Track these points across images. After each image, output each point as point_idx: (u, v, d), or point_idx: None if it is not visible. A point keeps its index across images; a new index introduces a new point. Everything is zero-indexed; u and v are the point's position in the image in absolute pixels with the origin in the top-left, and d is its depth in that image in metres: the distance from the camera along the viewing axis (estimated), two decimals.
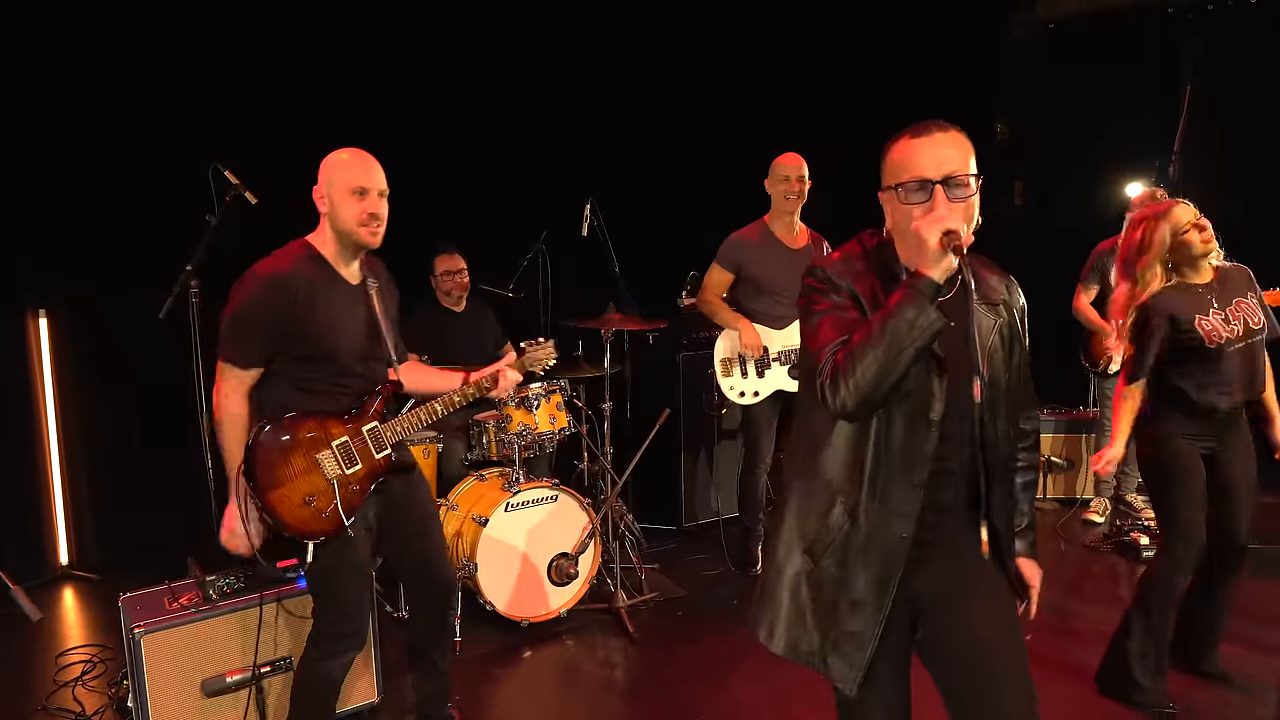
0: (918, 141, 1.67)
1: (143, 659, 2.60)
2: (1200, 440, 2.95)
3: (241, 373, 2.34)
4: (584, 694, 3.25)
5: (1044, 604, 3.00)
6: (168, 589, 2.83)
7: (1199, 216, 2.91)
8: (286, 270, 2.34)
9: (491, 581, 3.54)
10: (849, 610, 1.75)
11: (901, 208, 1.67)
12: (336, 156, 2.42)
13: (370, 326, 2.48)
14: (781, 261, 3.97)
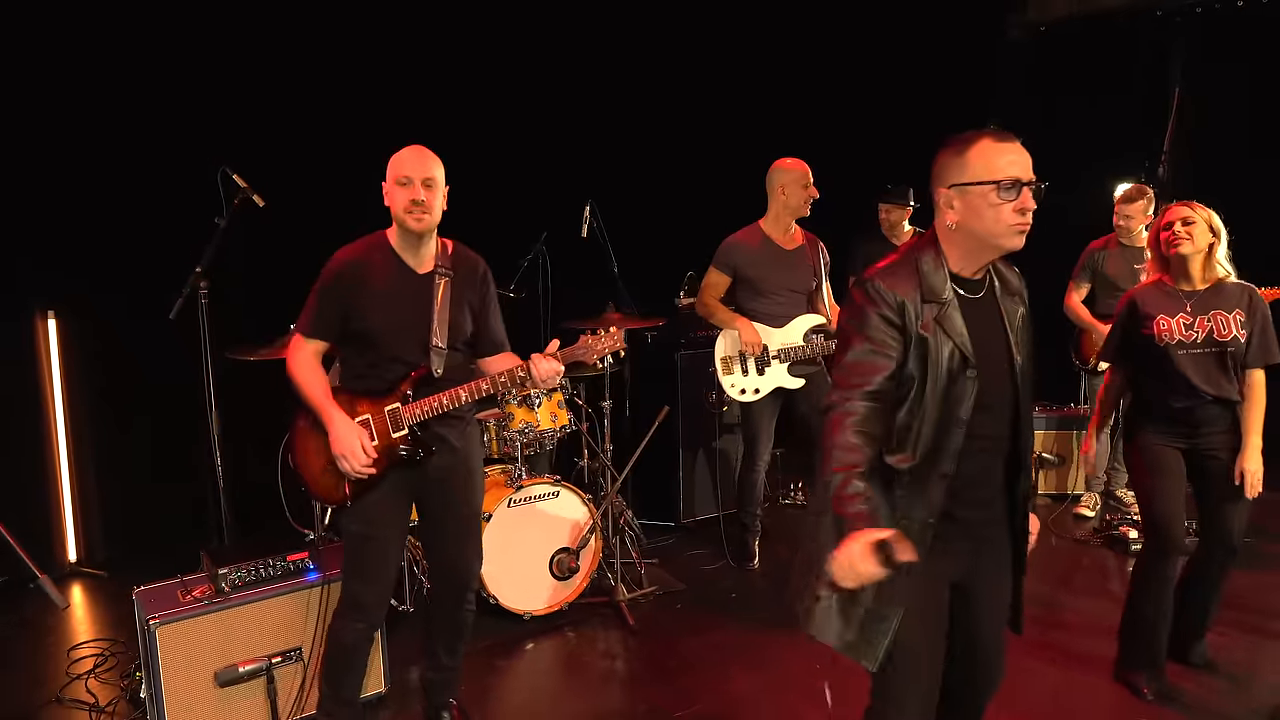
0: (1005, 145, 1.83)
1: (158, 650, 2.67)
2: (1174, 438, 3.06)
3: (303, 340, 2.57)
4: (585, 684, 3.33)
5: (1034, 596, 3.12)
6: (180, 582, 2.90)
7: (1185, 218, 3.02)
8: (352, 256, 2.55)
9: (495, 575, 3.62)
10: (874, 592, 1.84)
11: (986, 202, 1.81)
12: (400, 152, 2.56)
13: (425, 314, 2.56)
14: (777, 263, 4.05)
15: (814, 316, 4.11)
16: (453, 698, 2.95)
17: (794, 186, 4.02)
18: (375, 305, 2.51)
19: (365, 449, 2.49)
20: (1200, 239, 3.03)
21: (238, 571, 2.88)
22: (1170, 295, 3.06)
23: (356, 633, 2.64)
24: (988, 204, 1.81)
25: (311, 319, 2.56)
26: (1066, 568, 4.34)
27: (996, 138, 1.84)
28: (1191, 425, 3.04)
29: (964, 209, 1.85)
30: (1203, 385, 3.00)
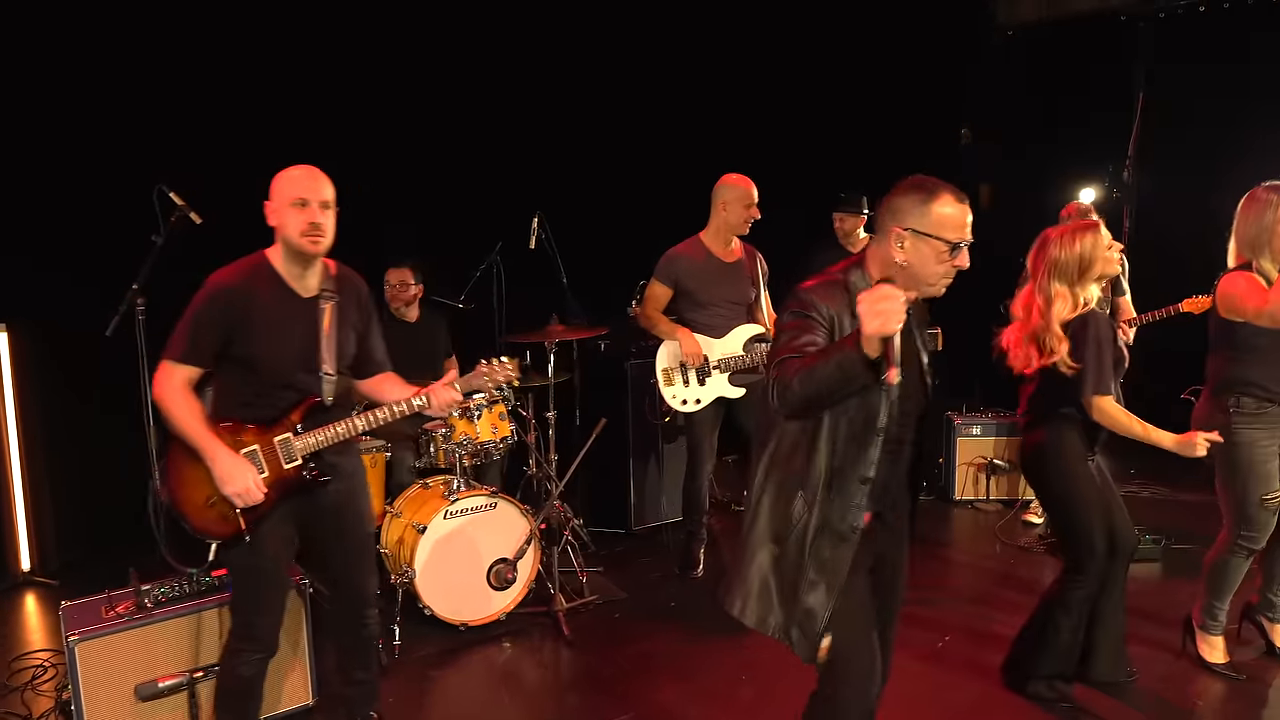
0: (964, 208, 2.01)
1: (77, 666, 2.72)
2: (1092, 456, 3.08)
3: (173, 367, 2.45)
4: (516, 695, 3.37)
5: (965, 608, 3.16)
6: (106, 597, 2.95)
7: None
8: (233, 281, 2.47)
9: (430, 586, 3.67)
10: (807, 589, 2.09)
11: (934, 255, 1.99)
12: (284, 172, 2.52)
13: (313, 340, 2.54)
14: (718, 275, 4.09)
15: (753, 326, 4.14)
16: (374, 710, 2.99)
17: (736, 205, 4.05)
18: (261, 332, 2.46)
19: (256, 484, 2.45)
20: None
21: (161, 588, 2.93)
22: None
23: (254, 664, 2.62)
24: (935, 257, 1.99)
25: (185, 346, 2.45)
26: (1003, 577, 4.38)
27: (958, 196, 2.01)
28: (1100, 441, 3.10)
29: (913, 252, 2.01)
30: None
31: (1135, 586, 3.21)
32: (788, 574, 2.11)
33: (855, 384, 1.85)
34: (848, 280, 2.06)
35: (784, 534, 2.11)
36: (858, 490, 2.07)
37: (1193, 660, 3.39)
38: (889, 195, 2.06)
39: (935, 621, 3.83)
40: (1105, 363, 2.91)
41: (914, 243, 1.99)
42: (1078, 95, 6.99)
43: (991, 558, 4.66)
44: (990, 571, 4.48)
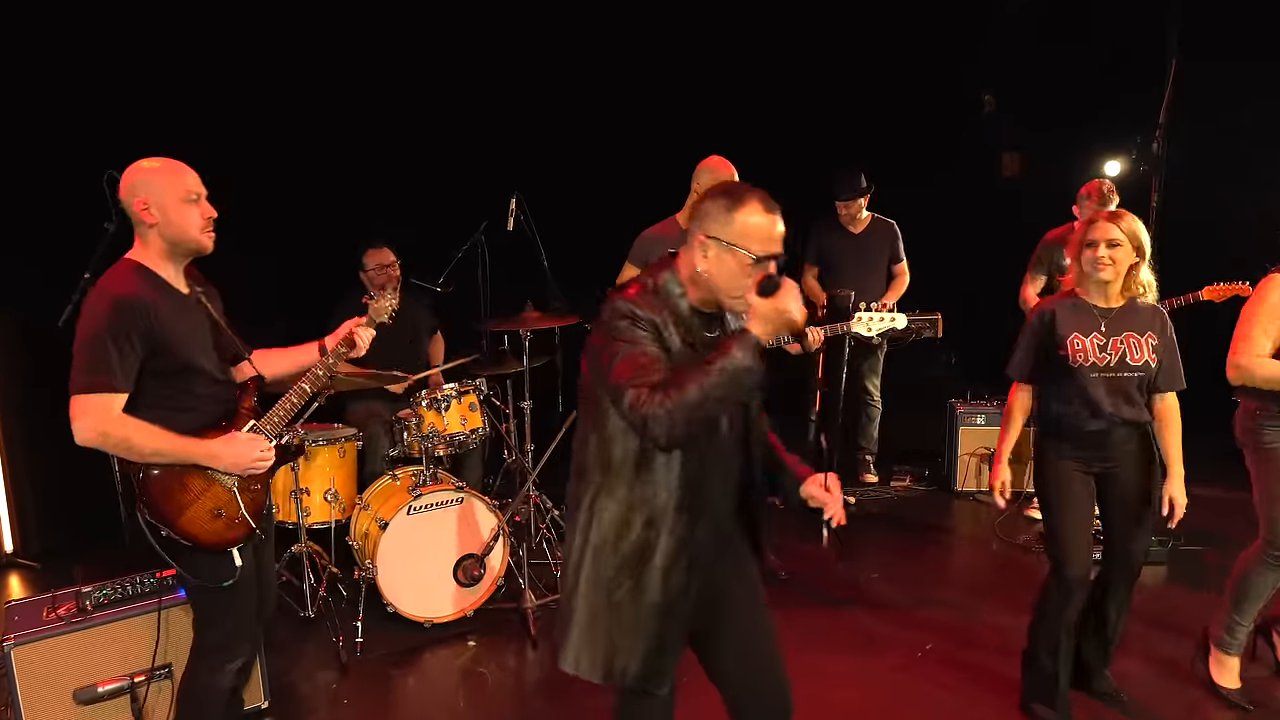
0: (773, 218, 1.87)
1: (14, 670, 2.67)
2: (1084, 462, 2.89)
3: (106, 398, 2.23)
4: (478, 697, 3.29)
5: (951, 608, 2.94)
6: (50, 598, 2.90)
7: (1113, 240, 2.80)
8: (133, 291, 2.28)
9: (392, 583, 3.59)
10: (655, 617, 1.94)
11: (739, 267, 1.86)
12: (152, 165, 2.36)
13: (215, 331, 2.49)
14: None
15: None
16: None
17: (706, 185, 3.85)
18: (178, 335, 2.34)
19: (261, 446, 2.43)
20: (1123, 262, 2.83)
21: (103, 590, 2.88)
22: (1084, 312, 2.88)
23: (234, 672, 2.54)
24: (740, 270, 1.86)
25: (112, 371, 2.22)
26: (994, 578, 4.20)
27: (767, 206, 1.86)
28: (1102, 448, 2.88)
29: (715, 262, 1.89)
30: (1114, 409, 2.84)
31: (1136, 592, 3.01)
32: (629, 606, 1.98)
33: (745, 388, 1.80)
34: (659, 284, 1.94)
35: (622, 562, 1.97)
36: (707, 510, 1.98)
37: (1201, 681, 3.18)
38: (699, 198, 1.95)
39: (920, 623, 3.69)
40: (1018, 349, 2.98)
41: (717, 252, 1.87)
42: (1105, 60, 6.60)
43: (987, 555, 4.48)
44: (979, 573, 4.31)
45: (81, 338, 2.25)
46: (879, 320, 3.80)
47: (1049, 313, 2.91)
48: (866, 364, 5.35)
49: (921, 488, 5.38)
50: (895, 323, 3.84)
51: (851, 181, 4.98)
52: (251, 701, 3.07)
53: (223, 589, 2.43)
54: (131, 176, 2.35)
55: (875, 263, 5.12)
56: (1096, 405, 2.83)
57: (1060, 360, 2.85)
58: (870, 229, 5.15)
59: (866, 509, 5.12)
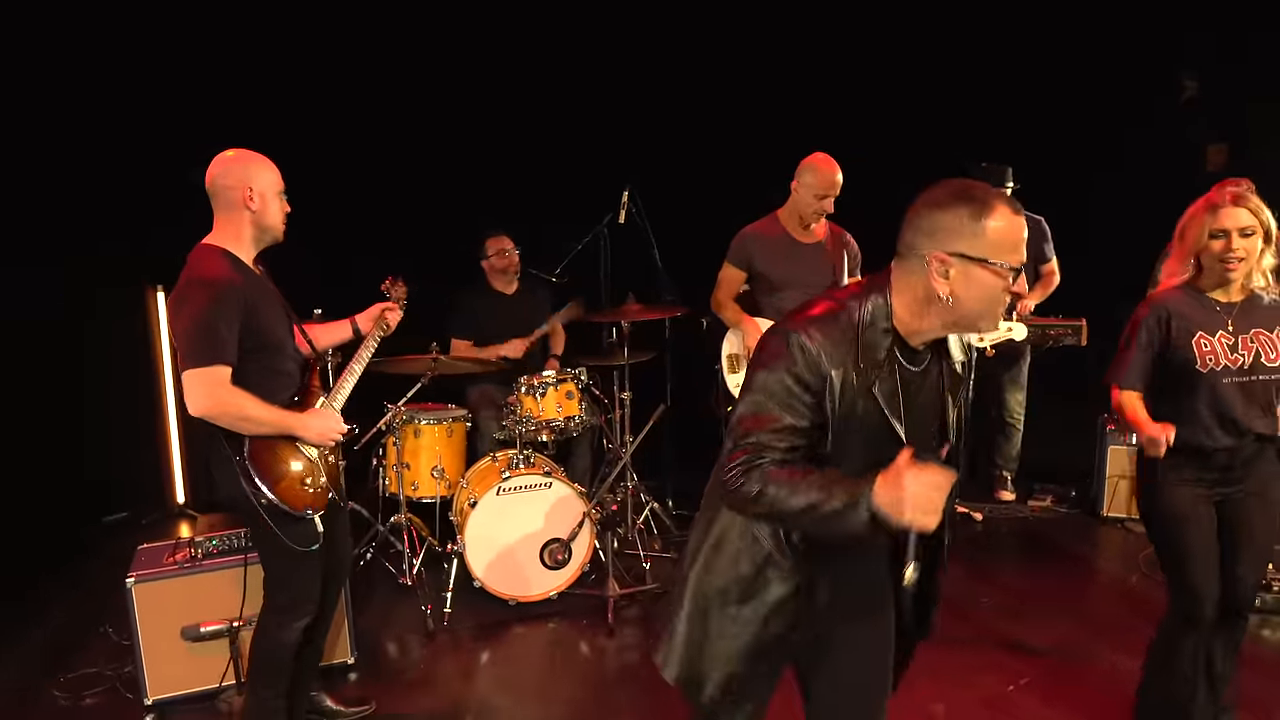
0: (1020, 220, 1.62)
1: (134, 604, 3.03)
2: (1205, 485, 2.53)
3: (213, 369, 2.42)
4: (551, 677, 3.37)
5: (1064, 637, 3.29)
6: (173, 544, 3.27)
7: (1246, 228, 2.44)
8: (228, 274, 2.50)
9: (480, 560, 3.74)
10: (744, 653, 1.79)
11: (995, 284, 1.60)
12: (258, 156, 2.58)
13: (286, 312, 2.70)
14: (794, 258, 3.78)
15: None
16: None
17: (807, 191, 3.71)
18: (265, 315, 2.55)
19: (335, 415, 2.66)
20: (1254, 254, 2.46)
21: (213, 540, 3.20)
22: (1205, 307, 2.50)
23: (301, 629, 2.72)
24: (997, 286, 1.60)
25: (215, 347, 2.42)
26: (1123, 614, 3.76)
27: (1014, 209, 1.60)
28: (1227, 469, 2.52)
29: (963, 282, 1.60)
30: (1247, 420, 2.47)
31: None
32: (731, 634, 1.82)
33: (842, 535, 1.56)
34: (856, 316, 1.64)
35: (735, 590, 1.80)
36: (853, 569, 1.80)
37: None
38: (917, 206, 1.63)
39: (1025, 655, 3.40)
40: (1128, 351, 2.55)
41: (963, 270, 1.58)
42: None
43: (1122, 588, 4.03)
44: (1112, 604, 3.89)
45: (188, 319, 2.43)
46: (993, 330, 3.49)
47: (1164, 308, 2.51)
48: (1008, 375, 4.96)
49: (1062, 509, 4.92)
50: (1013, 334, 3.50)
51: (995, 169, 4.65)
52: (339, 656, 3.31)
53: (297, 551, 2.63)
54: (238, 163, 2.55)
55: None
56: (1227, 416, 2.46)
57: (1183, 365, 2.48)
58: None
59: (996, 528, 4.76)
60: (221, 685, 3.11)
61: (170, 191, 4.62)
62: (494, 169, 5.19)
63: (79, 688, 3.24)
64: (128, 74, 4.57)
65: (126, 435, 4.92)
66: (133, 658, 3.10)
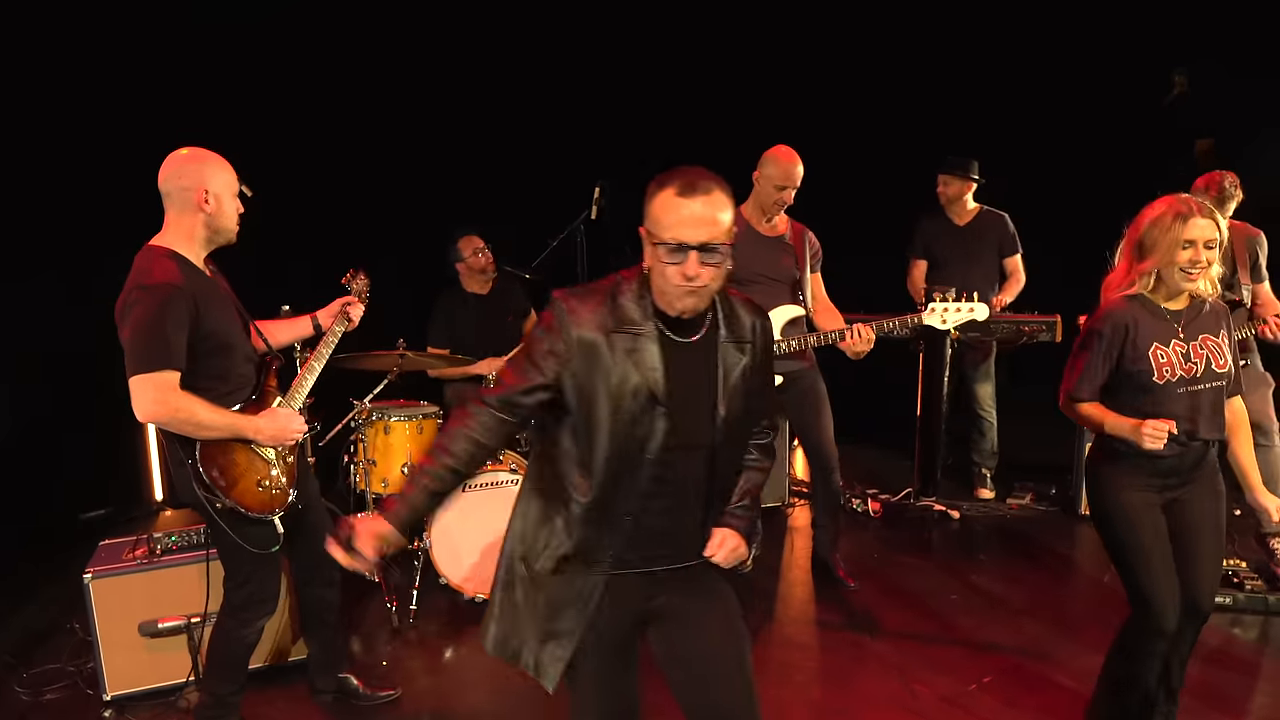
0: (684, 201, 1.70)
1: (91, 599, 3.04)
2: (1154, 491, 2.51)
3: (162, 374, 2.38)
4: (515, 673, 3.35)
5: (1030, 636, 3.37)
6: (134, 540, 3.28)
7: (1211, 240, 2.40)
8: (176, 277, 2.44)
9: (446, 556, 3.73)
10: (554, 613, 1.88)
11: (658, 259, 1.73)
12: (213, 155, 2.56)
13: (238, 312, 2.67)
14: (755, 250, 3.75)
15: (793, 308, 3.76)
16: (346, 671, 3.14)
17: (768, 183, 3.69)
18: (216, 315, 2.52)
19: (296, 417, 2.64)
20: (1214, 262, 2.44)
21: (171, 536, 3.20)
22: (1157, 316, 2.48)
23: (260, 628, 2.75)
24: (659, 261, 1.72)
25: (164, 351, 2.38)
26: (1092, 613, 3.73)
27: (680, 189, 1.70)
28: (1175, 474, 2.50)
29: (650, 256, 1.76)
30: (1201, 428, 2.45)
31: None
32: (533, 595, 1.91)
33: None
34: (616, 293, 1.80)
35: (534, 552, 1.90)
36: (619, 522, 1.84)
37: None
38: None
39: (989, 653, 3.39)
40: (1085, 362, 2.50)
41: (648, 245, 1.75)
42: None
43: (1093, 587, 4.00)
44: (1082, 603, 3.87)
45: (134, 324, 2.39)
46: (955, 311, 3.47)
47: (1123, 320, 2.46)
48: (975, 369, 4.93)
49: (1041, 508, 4.89)
50: (975, 314, 3.49)
51: (961, 161, 4.65)
52: (298, 654, 3.30)
53: (255, 553, 2.62)
54: (193, 163, 2.53)
55: (981, 256, 4.74)
56: (1187, 425, 2.43)
57: (1138, 376, 2.44)
58: (977, 220, 4.76)
59: (972, 526, 4.73)
60: (183, 681, 3.12)
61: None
62: (466, 168, 5.19)
63: (40, 683, 3.25)
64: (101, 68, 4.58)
65: (106, 433, 4.93)
66: (93, 654, 3.11)
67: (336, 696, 3.10)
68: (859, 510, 4.90)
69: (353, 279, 3.09)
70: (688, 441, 1.81)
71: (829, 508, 3.97)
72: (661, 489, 1.83)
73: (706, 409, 1.82)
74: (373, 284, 3.13)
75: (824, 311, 3.78)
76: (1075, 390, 2.52)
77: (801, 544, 4.46)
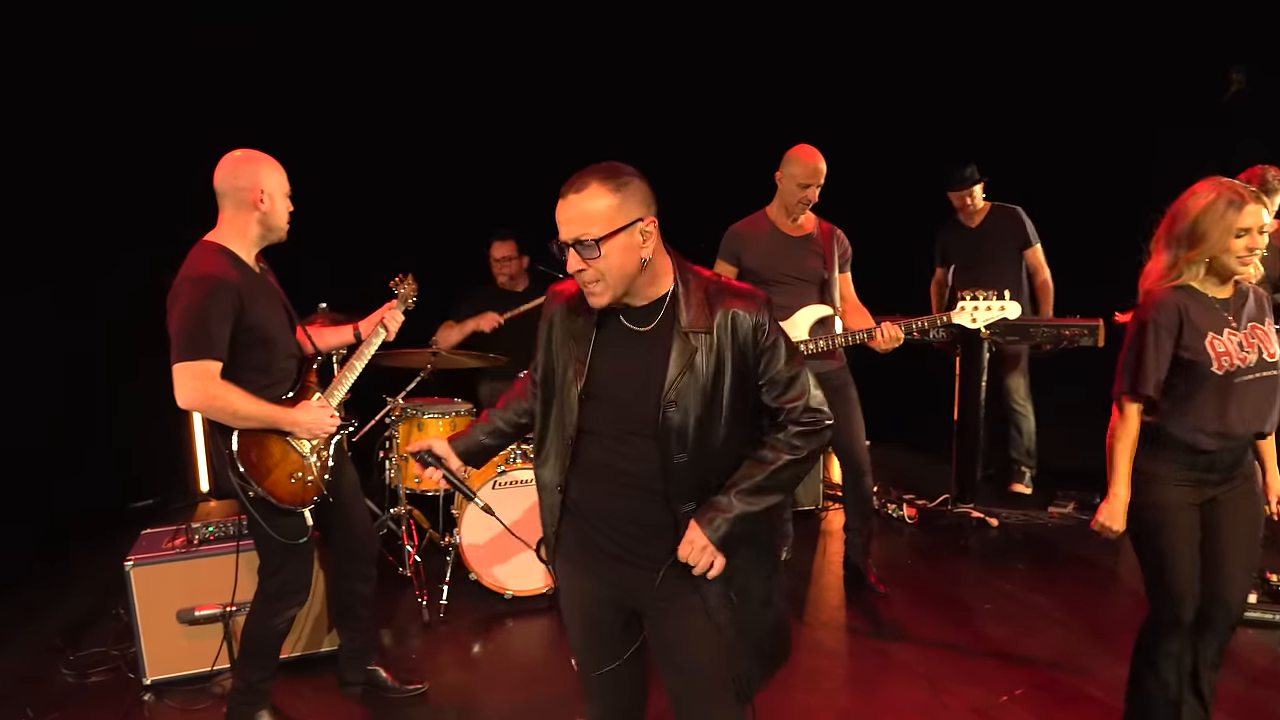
0: (562, 200, 1.79)
1: (132, 587, 3.14)
2: (1193, 487, 2.44)
3: (203, 363, 2.48)
4: (543, 669, 3.39)
5: (1067, 648, 3.27)
6: (174, 530, 3.37)
7: (1265, 225, 2.34)
8: (224, 271, 2.55)
9: (476, 553, 3.77)
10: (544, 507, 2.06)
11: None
12: (269, 159, 2.66)
13: (284, 308, 2.75)
14: (781, 251, 3.72)
15: (821, 308, 3.71)
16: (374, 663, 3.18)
17: (791, 181, 3.65)
18: (262, 310, 2.60)
19: (330, 412, 2.73)
20: (1263, 248, 2.38)
21: (209, 527, 3.29)
22: (1207, 306, 2.40)
23: (291, 617, 2.84)
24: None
25: (206, 341, 2.47)
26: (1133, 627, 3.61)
27: (561, 189, 1.77)
28: (1218, 470, 2.43)
29: None
30: (1254, 421, 2.39)
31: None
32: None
33: None
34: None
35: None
36: (553, 494, 1.98)
37: None
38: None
39: (1023, 664, 3.31)
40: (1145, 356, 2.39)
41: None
42: None
43: (1136, 600, 3.87)
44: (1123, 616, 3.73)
45: (179, 313, 2.49)
46: (985, 310, 3.42)
47: (1174, 309, 2.37)
48: (1008, 362, 4.88)
49: (1084, 517, 4.76)
50: (1006, 312, 3.44)
51: (958, 173, 4.65)
52: (329, 645, 3.37)
53: (286, 544, 2.69)
54: (248, 164, 2.62)
55: (996, 253, 4.73)
56: (1234, 416, 2.36)
57: (1194, 368, 2.37)
58: (989, 219, 4.80)
59: (1011, 534, 4.63)
60: (215, 668, 3.20)
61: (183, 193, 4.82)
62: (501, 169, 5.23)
63: (86, 666, 3.37)
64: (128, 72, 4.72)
65: (156, 425, 5.07)
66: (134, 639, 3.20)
67: (365, 689, 3.15)
68: (894, 515, 4.83)
69: (400, 283, 3.16)
70: (631, 431, 1.82)
71: (860, 512, 3.92)
72: (607, 476, 1.87)
73: (651, 402, 1.79)
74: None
75: (853, 311, 3.74)
76: (1139, 386, 2.40)
77: (834, 548, 4.41)
